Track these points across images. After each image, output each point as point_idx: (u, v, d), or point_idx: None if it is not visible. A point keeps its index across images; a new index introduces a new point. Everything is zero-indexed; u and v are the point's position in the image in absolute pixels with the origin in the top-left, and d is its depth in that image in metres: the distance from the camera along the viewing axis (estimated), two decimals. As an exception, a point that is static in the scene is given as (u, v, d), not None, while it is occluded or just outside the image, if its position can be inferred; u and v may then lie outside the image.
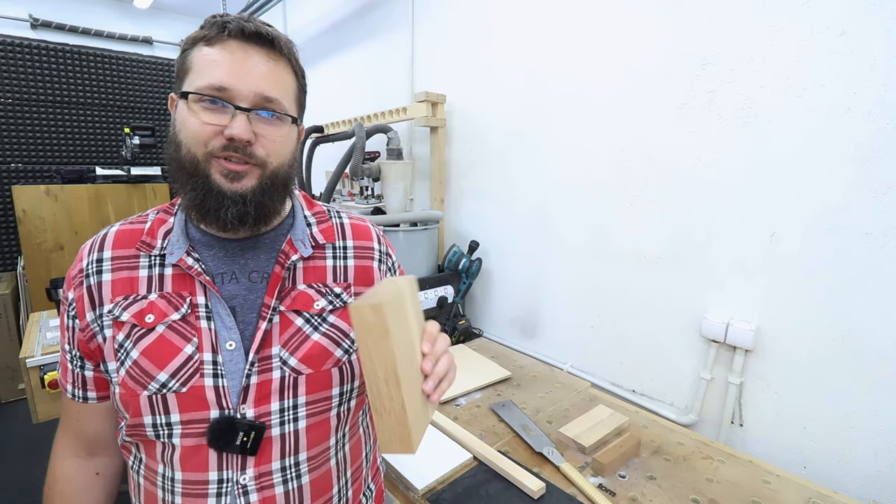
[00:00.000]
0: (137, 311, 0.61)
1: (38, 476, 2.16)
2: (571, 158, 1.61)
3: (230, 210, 0.60)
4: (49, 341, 1.63)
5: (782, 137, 1.11)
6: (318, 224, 0.74)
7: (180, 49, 0.63)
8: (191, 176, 0.60)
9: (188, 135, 0.59)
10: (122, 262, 0.64)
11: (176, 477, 0.61)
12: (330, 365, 0.66)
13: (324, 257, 0.71)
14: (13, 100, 3.40)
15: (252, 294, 0.65)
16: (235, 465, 0.61)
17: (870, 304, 1.02)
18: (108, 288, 0.63)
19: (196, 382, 0.60)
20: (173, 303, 0.62)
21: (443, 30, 2.09)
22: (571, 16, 1.55)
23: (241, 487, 0.61)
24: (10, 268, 3.40)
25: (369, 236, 0.77)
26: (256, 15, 2.98)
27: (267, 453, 0.62)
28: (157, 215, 0.68)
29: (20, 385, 2.87)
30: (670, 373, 1.40)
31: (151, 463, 0.63)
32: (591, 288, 1.60)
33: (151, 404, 0.59)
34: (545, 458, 1.07)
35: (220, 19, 0.60)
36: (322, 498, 0.67)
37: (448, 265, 1.89)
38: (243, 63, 0.59)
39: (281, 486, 0.63)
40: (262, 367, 0.62)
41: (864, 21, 0.98)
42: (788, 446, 1.16)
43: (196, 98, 0.59)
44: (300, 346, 0.64)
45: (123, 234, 0.66)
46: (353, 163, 1.96)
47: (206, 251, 0.66)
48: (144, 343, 0.60)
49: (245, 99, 0.59)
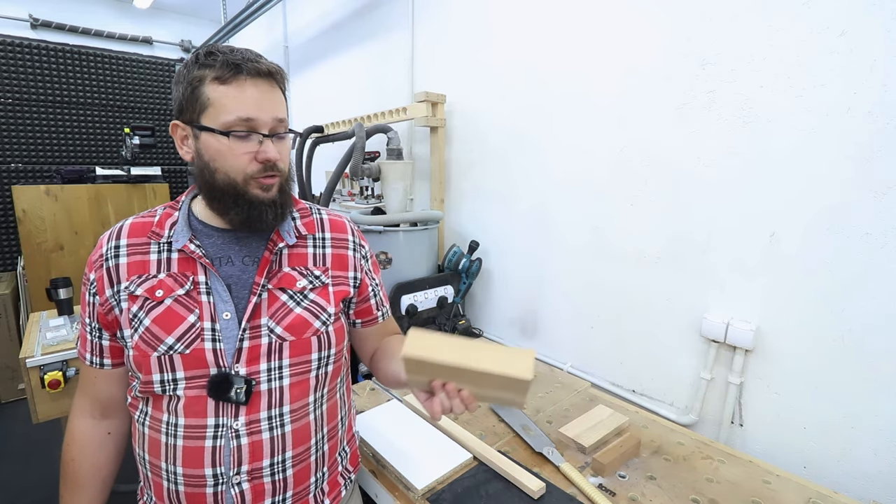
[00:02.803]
0: (149, 287, 0.74)
1: (38, 476, 2.17)
2: (571, 158, 1.61)
3: (269, 214, 0.76)
4: (49, 341, 1.63)
5: (782, 137, 1.11)
6: (302, 218, 0.87)
7: (184, 82, 0.72)
8: (230, 196, 0.74)
9: (226, 164, 0.72)
10: (136, 249, 0.77)
11: (179, 423, 0.72)
12: (310, 334, 0.79)
13: (305, 246, 0.85)
14: (13, 100, 3.40)
15: (245, 274, 0.78)
16: (230, 412, 0.72)
17: (870, 304, 1.02)
18: (125, 269, 0.76)
19: (198, 346, 0.72)
20: (179, 280, 0.75)
21: (443, 30, 2.09)
22: (571, 15, 1.55)
23: (233, 431, 0.72)
24: (10, 268, 3.40)
25: (344, 229, 0.91)
26: (256, 15, 2.99)
27: (256, 404, 0.74)
28: (164, 210, 0.82)
29: (20, 385, 2.87)
30: (670, 373, 1.40)
31: (157, 413, 0.74)
32: (591, 288, 1.60)
33: (160, 363, 0.72)
34: (545, 458, 1.07)
35: (227, 58, 0.70)
36: (302, 446, 0.79)
37: (448, 265, 1.89)
38: (259, 96, 0.72)
39: (267, 432, 0.74)
40: (253, 334, 0.75)
41: (864, 21, 0.98)
42: (788, 446, 1.16)
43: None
44: (285, 317, 0.77)
45: (136, 226, 0.79)
46: (353, 163, 1.96)
47: (206, 239, 0.79)
48: (155, 313, 0.73)
49: (266, 126, 0.73)
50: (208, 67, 0.70)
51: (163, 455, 0.73)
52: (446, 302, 1.86)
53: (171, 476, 0.73)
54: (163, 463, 0.73)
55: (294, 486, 0.78)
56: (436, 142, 2.05)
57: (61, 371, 1.54)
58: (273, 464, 0.75)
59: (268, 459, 0.74)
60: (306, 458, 0.80)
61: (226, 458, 0.72)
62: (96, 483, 0.84)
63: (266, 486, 0.75)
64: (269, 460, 0.74)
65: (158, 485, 0.75)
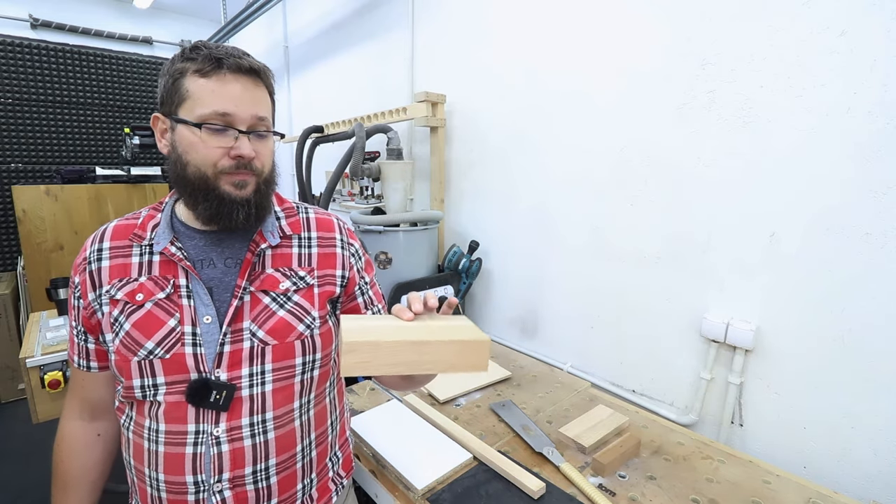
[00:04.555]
0: (129, 291, 0.73)
1: (38, 476, 2.17)
2: (571, 158, 1.61)
3: (239, 213, 0.72)
4: (49, 341, 1.63)
5: (782, 137, 1.11)
6: (287, 218, 0.84)
7: (167, 75, 0.71)
8: (200, 190, 0.71)
9: (198, 157, 0.70)
10: (118, 251, 0.76)
11: (160, 428, 0.71)
12: (293, 338, 0.76)
13: (290, 246, 0.82)
14: (13, 100, 3.40)
15: (227, 277, 0.76)
16: (210, 419, 0.71)
17: (870, 304, 1.02)
18: (107, 273, 0.74)
19: (178, 350, 0.71)
20: (159, 284, 0.73)
21: (443, 30, 2.09)
22: (571, 16, 1.55)
23: (214, 438, 0.71)
24: (10, 268, 3.40)
25: (332, 227, 0.87)
26: (256, 15, 2.99)
27: (237, 410, 0.72)
28: (147, 212, 0.80)
29: (20, 385, 2.87)
30: (670, 373, 1.40)
31: (140, 419, 0.73)
32: (591, 288, 1.60)
33: (140, 368, 0.71)
34: (545, 458, 1.07)
35: (211, 52, 0.69)
36: (286, 454, 0.77)
37: (448, 265, 1.89)
38: (238, 92, 0.70)
39: (249, 439, 0.73)
40: (234, 339, 0.73)
41: (864, 21, 0.98)
42: (788, 446, 1.16)
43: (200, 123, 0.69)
44: (267, 320, 0.75)
45: (120, 228, 0.78)
46: (353, 163, 1.96)
47: (188, 241, 0.77)
48: (135, 317, 0.71)
49: (244, 122, 0.70)
50: (191, 60, 0.69)
51: (146, 461, 0.72)
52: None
53: (153, 482, 0.72)
54: (146, 469, 0.72)
55: (279, 493, 0.76)
56: (436, 142, 2.05)
57: (61, 371, 1.54)
58: (256, 471, 0.73)
59: (250, 467, 0.73)
60: (292, 465, 0.78)
61: (206, 465, 0.71)
62: (85, 484, 0.84)
63: (249, 493, 0.73)
64: (251, 468, 0.73)
65: (143, 490, 0.74)
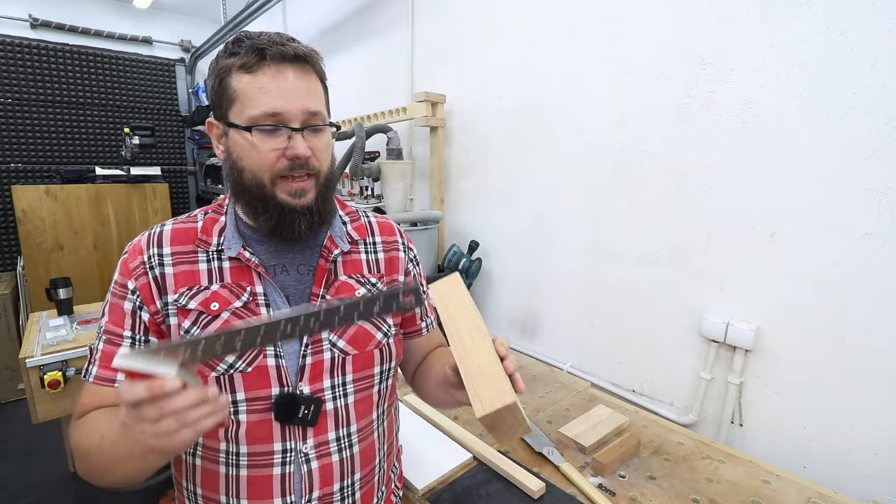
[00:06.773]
0: (203, 300, 0.67)
1: (38, 476, 2.16)
2: (571, 158, 1.61)
3: (302, 223, 0.69)
4: (49, 341, 1.63)
5: (782, 137, 1.11)
6: (352, 223, 0.82)
7: (214, 75, 0.67)
8: (259, 199, 0.67)
9: (252, 162, 0.65)
10: (181, 258, 0.69)
11: (241, 451, 0.66)
12: (372, 346, 0.74)
13: (359, 251, 0.79)
14: (13, 100, 3.40)
15: (301, 284, 0.73)
16: (298, 435, 0.67)
17: (870, 304, 1.02)
18: (172, 280, 0.68)
19: (260, 363, 0.66)
20: (235, 292, 0.68)
21: (442, 30, 2.09)
22: (571, 15, 1.55)
23: (303, 455, 0.68)
24: (9, 268, 3.40)
25: (393, 232, 0.87)
26: (256, 15, 2.98)
27: (323, 425, 0.69)
28: (207, 216, 0.74)
29: (20, 385, 2.86)
30: (670, 373, 1.40)
31: (211, 443, 0.67)
32: (591, 288, 1.60)
33: (220, 384, 0.65)
34: (545, 458, 1.07)
35: (254, 43, 0.64)
36: (368, 467, 0.75)
37: (448, 265, 1.89)
38: (287, 85, 0.64)
39: (336, 454, 0.70)
40: (315, 349, 0.69)
41: (864, 21, 0.98)
42: (788, 446, 1.16)
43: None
44: (346, 330, 0.72)
45: (179, 232, 0.71)
46: (353, 163, 1.96)
47: (258, 246, 0.72)
48: (211, 328, 0.66)
49: (295, 119, 0.65)
50: (234, 55, 0.65)
51: (222, 488, 0.67)
52: (446, 302, 1.85)
53: None
54: (222, 497, 0.68)
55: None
56: (436, 142, 2.05)
57: (61, 371, 1.54)
58: (343, 487, 0.71)
59: (338, 483, 0.70)
60: (371, 479, 0.76)
61: (296, 485, 0.67)
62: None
63: None
64: (339, 484, 0.70)
65: None
